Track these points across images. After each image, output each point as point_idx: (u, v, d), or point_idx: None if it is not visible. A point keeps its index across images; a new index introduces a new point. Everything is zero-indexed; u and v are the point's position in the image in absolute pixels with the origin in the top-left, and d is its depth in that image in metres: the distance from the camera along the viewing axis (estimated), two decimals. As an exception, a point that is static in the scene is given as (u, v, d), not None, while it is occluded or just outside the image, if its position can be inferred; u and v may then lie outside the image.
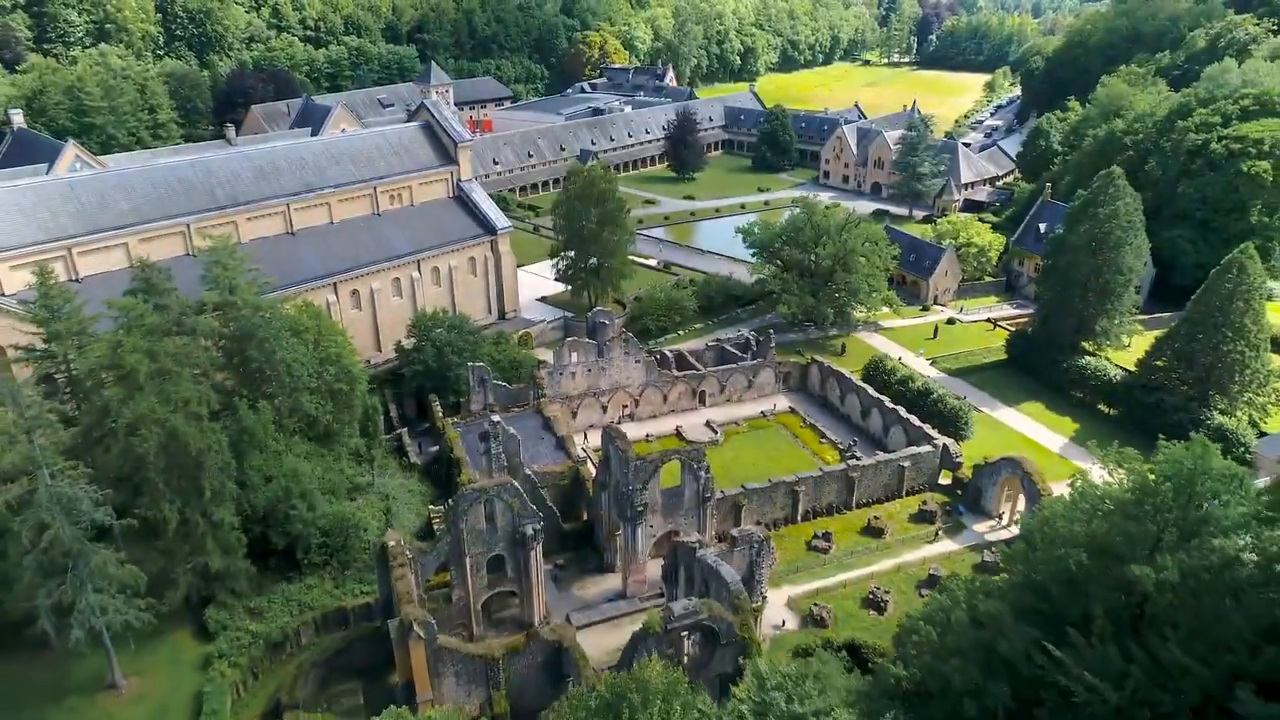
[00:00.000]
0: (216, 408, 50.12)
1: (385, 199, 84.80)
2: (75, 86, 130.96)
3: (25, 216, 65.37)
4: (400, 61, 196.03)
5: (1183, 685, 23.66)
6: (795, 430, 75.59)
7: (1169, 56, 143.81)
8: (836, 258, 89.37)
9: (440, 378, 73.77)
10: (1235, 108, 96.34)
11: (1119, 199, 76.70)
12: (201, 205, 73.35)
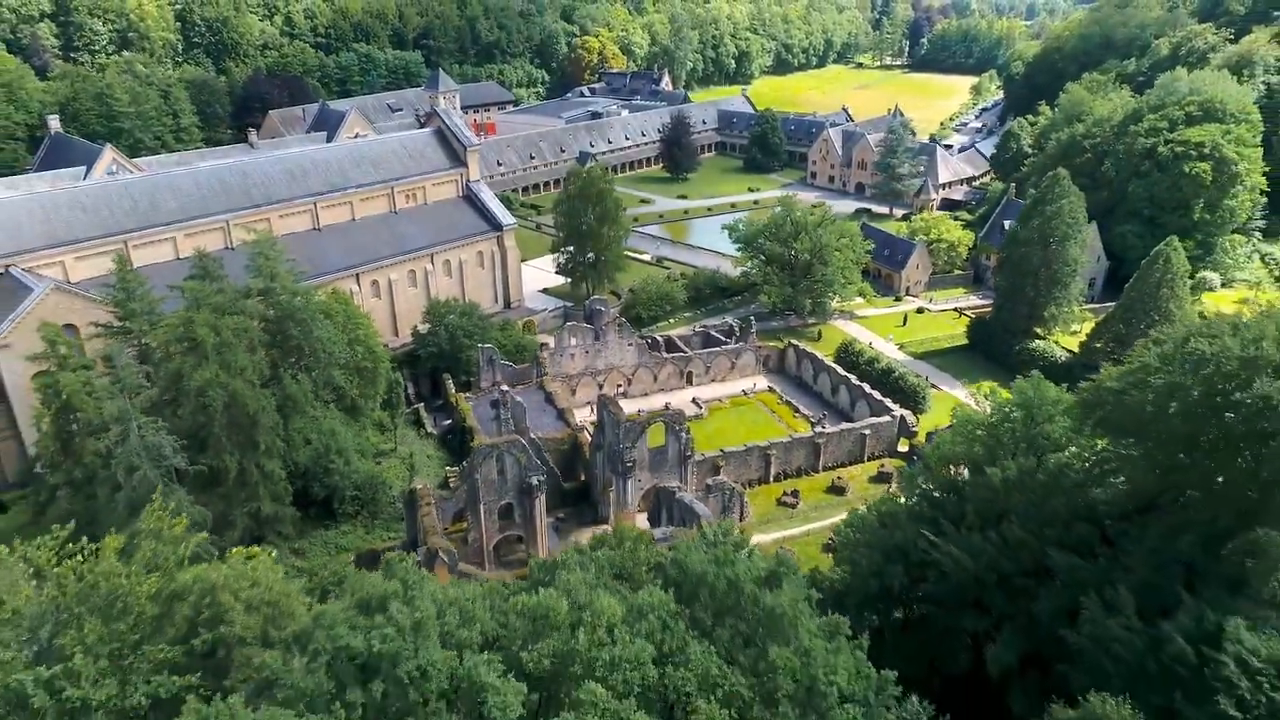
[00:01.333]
0: (266, 377, 58.54)
1: (401, 198, 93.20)
2: (104, 93, 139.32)
3: (87, 214, 73.84)
4: (407, 67, 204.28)
5: (1019, 554, 32.11)
6: (773, 406, 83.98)
7: (1135, 63, 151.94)
8: (813, 252, 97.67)
9: (453, 359, 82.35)
10: (1182, 113, 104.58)
11: (1064, 198, 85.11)
12: (239, 204, 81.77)
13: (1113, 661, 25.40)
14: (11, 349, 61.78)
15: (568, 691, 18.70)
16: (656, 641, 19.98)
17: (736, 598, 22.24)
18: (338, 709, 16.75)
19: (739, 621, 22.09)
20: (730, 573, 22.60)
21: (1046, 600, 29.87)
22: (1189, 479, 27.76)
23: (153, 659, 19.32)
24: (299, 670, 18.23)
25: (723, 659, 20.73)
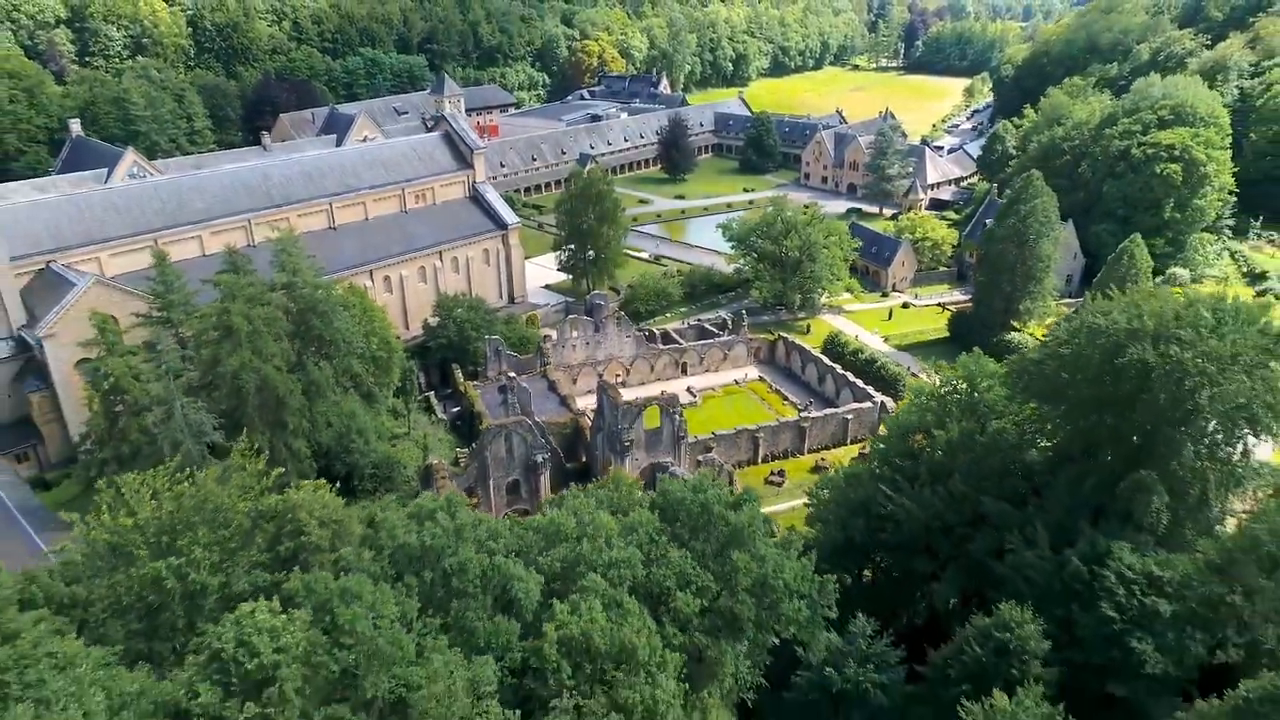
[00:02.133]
0: (291, 364, 63.66)
1: (411, 199, 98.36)
2: (122, 97, 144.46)
3: (120, 214, 79.00)
4: (411, 70, 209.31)
5: (962, 506, 37.26)
6: (763, 394, 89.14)
7: (1118, 67, 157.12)
8: (803, 249, 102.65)
9: (461, 350, 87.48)
10: (1154, 117, 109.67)
11: (1037, 198, 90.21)
12: (260, 204, 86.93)
13: (1027, 584, 30.50)
14: (57, 338, 66.87)
15: (575, 583, 23.71)
16: (645, 550, 24.98)
17: (708, 517, 27.34)
18: (399, 588, 21.74)
19: (709, 535, 27.17)
20: (703, 498, 27.69)
21: (981, 542, 35.00)
22: (1097, 434, 32.84)
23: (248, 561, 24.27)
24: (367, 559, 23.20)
25: (696, 562, 25.82)
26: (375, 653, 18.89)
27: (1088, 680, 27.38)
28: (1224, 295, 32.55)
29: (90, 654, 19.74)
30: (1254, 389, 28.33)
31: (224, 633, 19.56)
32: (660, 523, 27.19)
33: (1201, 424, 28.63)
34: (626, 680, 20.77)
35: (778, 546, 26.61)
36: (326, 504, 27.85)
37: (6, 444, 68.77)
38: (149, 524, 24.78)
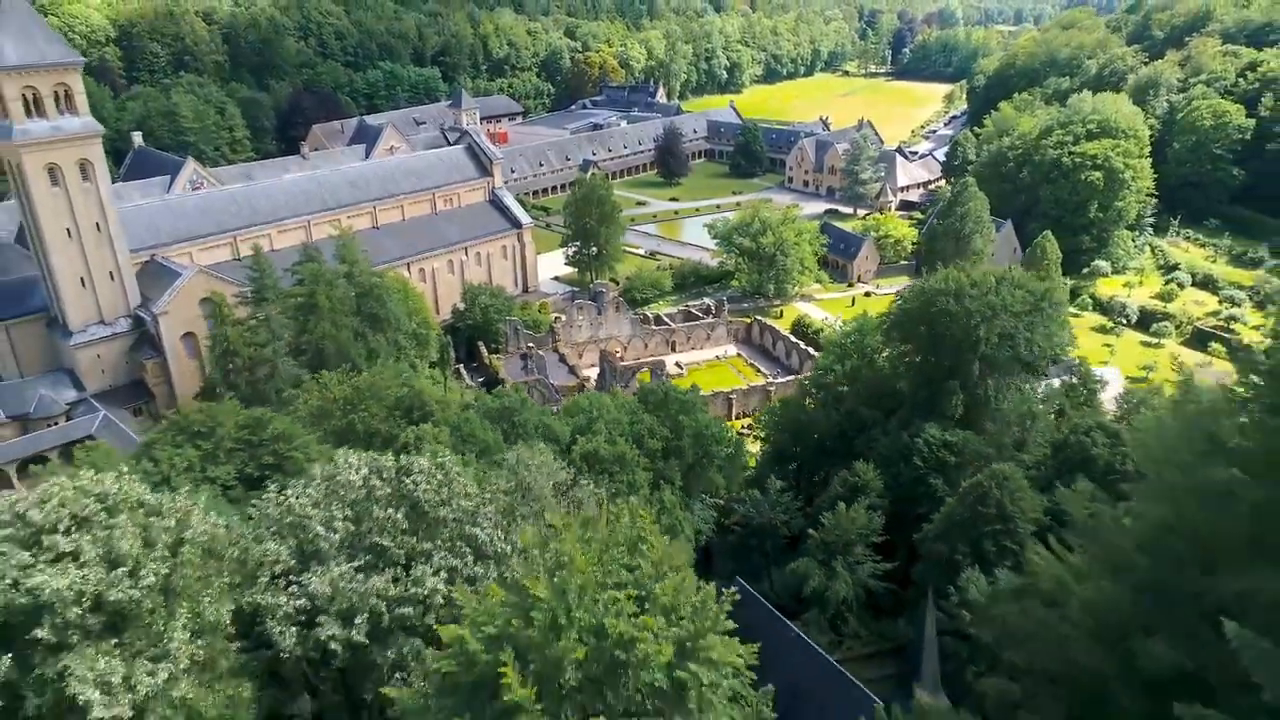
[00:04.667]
0: (356, 334, 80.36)
1: (441, 202, 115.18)
2: (173, 110, 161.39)
3: (206, 216, 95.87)
4: (427, 83, 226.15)
5: (854, 418, 53.76)
6: (740, 368, 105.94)
7: (1070, 81, 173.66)
8: (776, 245, 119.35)
9: (484, 330, 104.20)
10: (1083, 130, 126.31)
11: (971, 200, 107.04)
12: (317, 207, 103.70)
13: (880, 456, 47.16)
14: (169, 315, 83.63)
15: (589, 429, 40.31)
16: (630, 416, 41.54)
17: (668, 397, 43.95)
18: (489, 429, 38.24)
19: (669, 407, 43.77)
20: (665, 389, 44.24)
21: (861, 440, 51.69)
22: (940, 365, 49.40)
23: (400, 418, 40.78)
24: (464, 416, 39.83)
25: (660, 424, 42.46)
26: (486, 445, 35.12)
27: (907, 506, 43.88)
28: (1008, 271, 49.31)
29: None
30: (1016, 326, 44.81)
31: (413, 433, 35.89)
32: (639, 402, 43.73)
33: (983, 349, 45.12)
34: (620, 474, 37.26)
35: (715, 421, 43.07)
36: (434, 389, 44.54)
37: (125, 400, 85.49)
38: (338, 396, 41.17)
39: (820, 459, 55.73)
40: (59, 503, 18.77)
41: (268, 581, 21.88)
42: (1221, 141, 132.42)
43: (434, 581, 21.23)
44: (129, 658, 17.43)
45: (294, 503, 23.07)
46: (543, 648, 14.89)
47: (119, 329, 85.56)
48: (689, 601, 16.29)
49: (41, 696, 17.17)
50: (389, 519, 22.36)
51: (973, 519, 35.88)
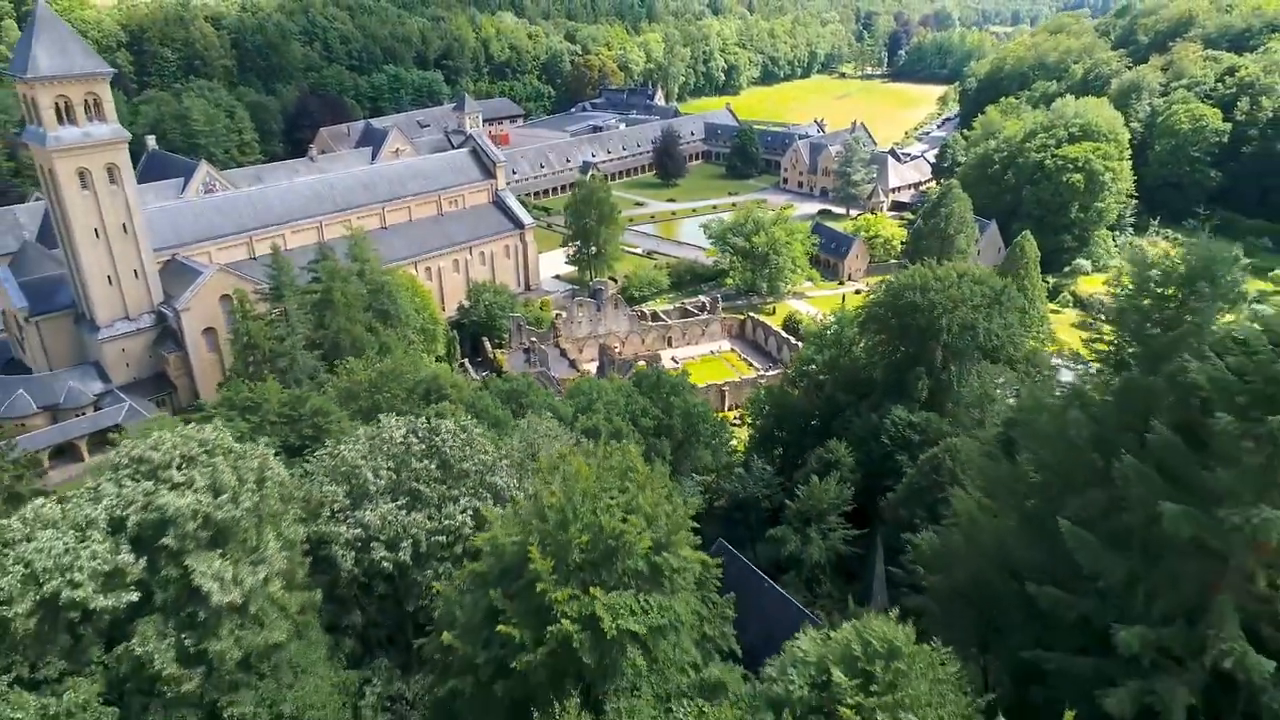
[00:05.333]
0: (368, 328, 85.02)
1: (446, 203, 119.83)
2: (185, 114, 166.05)
3: (224, 217, 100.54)
4: (430, 86, 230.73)
5: (832, 403, 58.46)
6: (733, 362, 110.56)
7: (1056, 85, 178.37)
8: (769, 245, 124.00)
9: (488, 327, 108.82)
10: (1065, 133, 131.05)
11: (954, 202, 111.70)
12: (328, 209, 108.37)
13: (854, 436, 51.81)
14: (191, 312, 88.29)
15: (589, 409, 45.09)
16: (626, 398, 46.24)
17: (660, 380, 48.63)
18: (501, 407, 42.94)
19: (661, 390, 48.43)
20: (658, 373, 48.92)
21: (838, 422, 56.36)
22: (907, 353, 54.02)
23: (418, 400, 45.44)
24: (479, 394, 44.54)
25: (653, 404, 47.10)
26: (499, 419, 40.12)
27: (876, 480, 48.53)
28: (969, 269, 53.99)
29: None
30: (976, 318, 49.41)
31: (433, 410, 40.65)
32: (634, 386, 48.38)
33: (945, 338, 49.77)
34: (617, 445, 42.17)
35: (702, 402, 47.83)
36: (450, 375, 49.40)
37: (148, 391, 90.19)
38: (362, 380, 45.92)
39: (803, 441, 60.29)
40: (171, 445, 23.52)
41: (329, 516, 26.62)
42: (1199, 144, 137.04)
43: (462, 518, 25.96)
44: (233, 562, 22.16)
45: (346, 455, 27.82)
46: (555, 536, 19.59)
47: (143, 324, 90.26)
48: (664, 511, 21.01)
49: (166, 591, 21.92)
50: (424, 469, 27.09)
51: (928, 486, 40.48)
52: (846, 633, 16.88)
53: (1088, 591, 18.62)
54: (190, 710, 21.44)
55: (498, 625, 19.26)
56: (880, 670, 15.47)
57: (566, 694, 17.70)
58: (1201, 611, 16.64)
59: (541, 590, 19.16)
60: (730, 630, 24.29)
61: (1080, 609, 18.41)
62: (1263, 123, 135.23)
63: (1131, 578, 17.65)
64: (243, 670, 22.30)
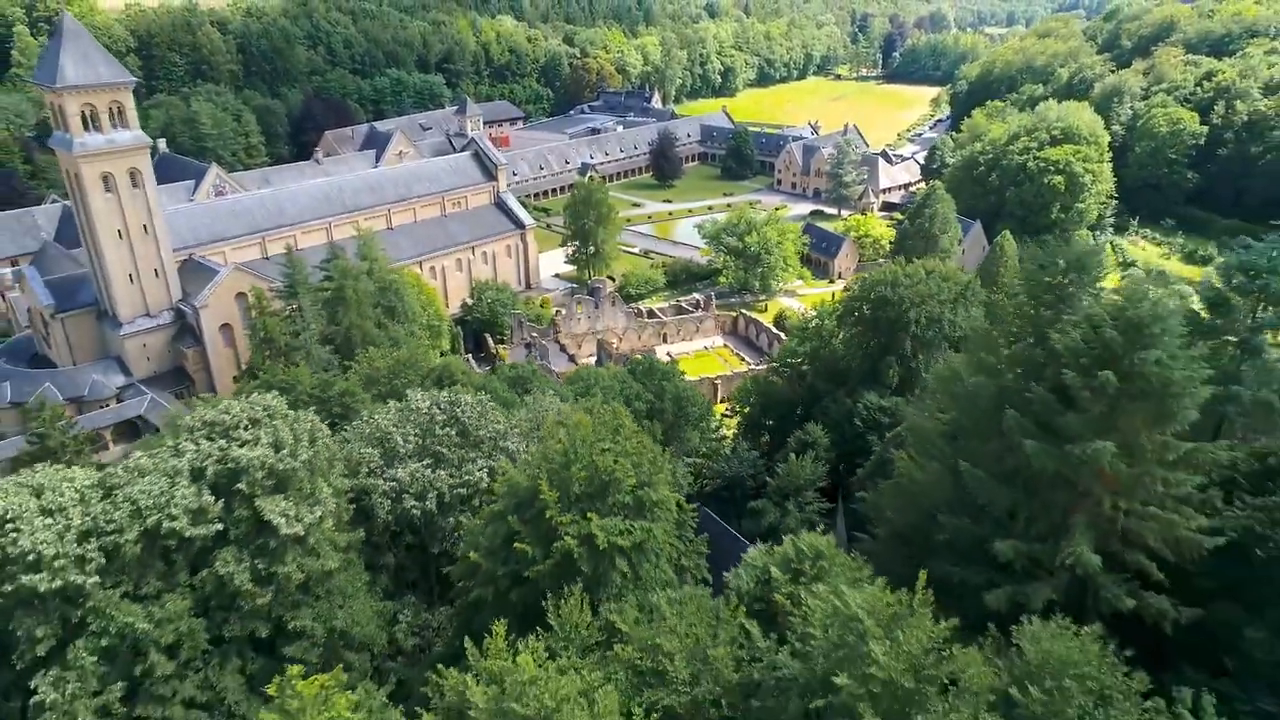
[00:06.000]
0: (378, 324, 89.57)
1: (450, 205, 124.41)
2: (194, 118, 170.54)
3: (238, 218, 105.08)
4: (431, 89, 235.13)
5: (813, 390, 63.10)
6: (726, 357, 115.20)
7: (1043, 88, 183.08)
8: (761, 245, 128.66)
9: (491, 324, 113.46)
10: (1047, 136, 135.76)
11: (938, 203, 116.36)
12: (337, 210, 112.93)
13: (830, 419, 56.43)
14: (209, 309, 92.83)
15: (588, 392, 49.74)
16: (623, 382, 50.86)
17: (652, 366, 53.26)
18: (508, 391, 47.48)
19: (654, 376, 53.10)
20: (650, 360, 53.57)
21: (816, 409, 61.00)
22: (879, 343, 58.66)
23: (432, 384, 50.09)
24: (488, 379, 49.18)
25: (646, 389, 51.85)
26: (508, 400, 44.71)
27: (848, 459, 53.20)
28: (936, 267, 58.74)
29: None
30: (942, 311, 53.99)
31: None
32: (629, 373, 53.05)
33: (913, 329, 54.42)
34: (610, 407, 46.88)
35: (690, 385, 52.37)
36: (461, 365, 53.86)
37: (168, 385, 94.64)
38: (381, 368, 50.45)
39: (786, 426, 64.91)
40: (239, 410, 28.13)
41: (366, 473, 31.18)
42: (1177, 147, 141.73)
43: (479, 475, 30.48)
44: (295, 503, 26.70)
45: (380, 422, 32.36)
46: (560, 473, 24.16)
47: (163, 321, 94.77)
48: (647, 459, 25.60)
49: (239, 527, 26.53)
50: (446, 435, 31.61)
51: (890, 460, 45.09)
52: (786, 545, 21.40)
53: (984, 520, 23.13)
54: (261, 622, 26.25)
55: (514, 544, 23.94)
56: (808, 567, 19.99)
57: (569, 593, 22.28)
58: (1064, 530, 21.18)
59: (549, 516, 23.82)
60: (704, 563, 28.95)
61: (977, 534, 22.91)
62: (1237, 126, 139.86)
63: (1014, 507, 22.22)
64: (302, 592, 27.04)
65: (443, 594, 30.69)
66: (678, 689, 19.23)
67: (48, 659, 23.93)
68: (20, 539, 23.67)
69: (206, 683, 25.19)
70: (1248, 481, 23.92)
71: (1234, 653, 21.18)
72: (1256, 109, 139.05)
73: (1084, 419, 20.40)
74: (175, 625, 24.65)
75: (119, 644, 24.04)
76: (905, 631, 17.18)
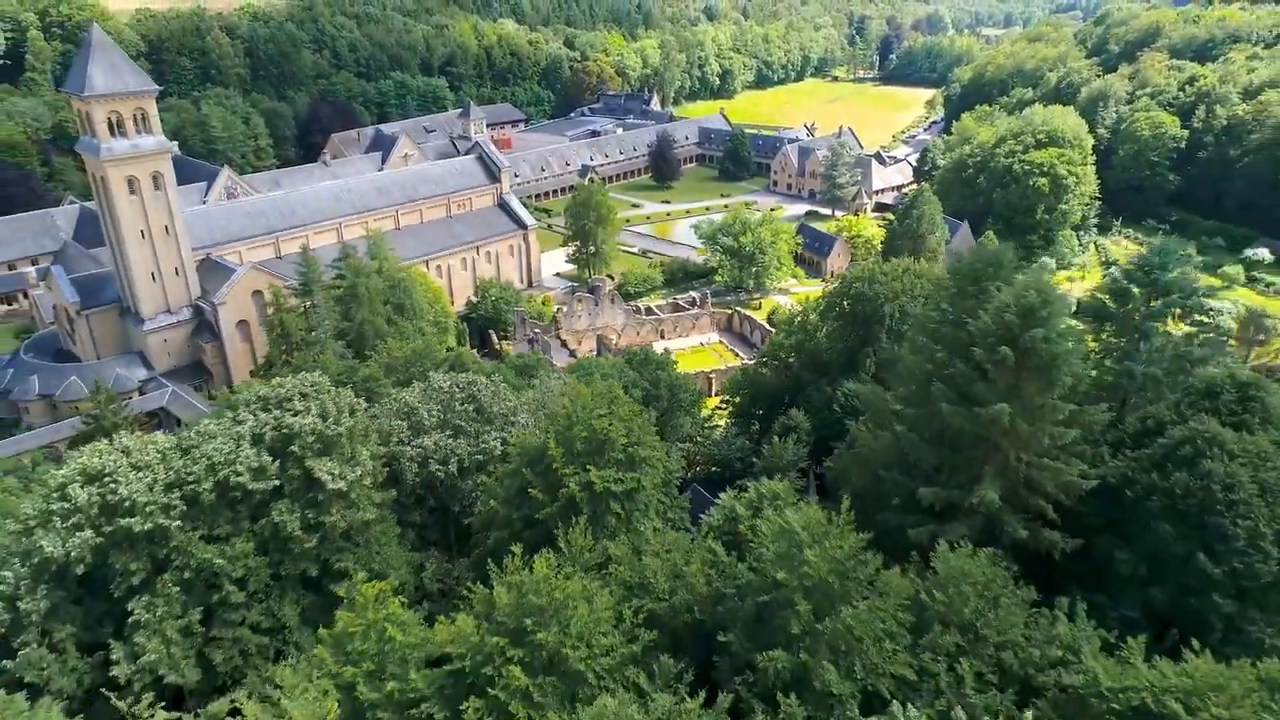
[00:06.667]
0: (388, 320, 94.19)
1: (455, 206, 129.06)
2: (204, 121, 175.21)
3: (252, 219, 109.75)
4: (434, 92, 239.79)
5: (797, 379, 67.69)
6: (721, 352, 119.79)
7: (1032, 92, 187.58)
8: (755, 244, 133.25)
9: (495, 320, 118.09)
10: (1032, 139, 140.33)
11: (925, 205, 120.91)
12: (347, 211, 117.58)
13: (812, 406, 61.04)
14: (227, 305, 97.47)
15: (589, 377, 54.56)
16: (621, 371, 55.58)
17: (648, 356, 57.97)
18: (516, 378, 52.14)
19: (649, 365, 57.81)
20: (646, 351, 58.23)
21: (799, 397, 65.57)
22: (857, 334, 63.23)
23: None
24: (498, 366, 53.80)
25: (642, 377, 56.53)
26: (516, 385, 49.32)
27: (827, 442, 57.79)
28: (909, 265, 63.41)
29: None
30: (914, 305, 58.66)
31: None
32: (626, 362, 57.64)
33: (888, 322, 59.01)
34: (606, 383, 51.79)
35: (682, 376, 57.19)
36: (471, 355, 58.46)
37: (187, 378, 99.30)
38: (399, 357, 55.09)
39: (773, 414, 69.52)
40: (291, 385, 32.85)
41: (396, 441, 35.82)
42: (1159, 150, 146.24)
43: (493, 443, 35.07)
44: (339, 463, 31.34)
45: (408, 399, 37.00)
46: (564, 434, 28.76)
47: (182, 317, 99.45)
48: (636, 424, 30.21)
49: (292, 483, 31.18)
50: (464, 410, 36.20)
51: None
52: (750, 491, 25.93)
53: (917, 475, 27.67)
54: (311, 563, 30.98)
55: (527, 492, 28.55)
56: (767, 505, 24.48)
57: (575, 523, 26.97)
58: (979, 479, 25.70)
59: (555, 468, 28.41)
60: (686, 517, 33.59)
61: (910, 487, 27.45)
62: (1217, 130, 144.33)
63: (941, 463, 26.77)
64: (345, 539, 31.73)
65: (461, 549, 35.28)
66: (659, 598, 24.00)
67: (140, 588, 28.71)
68: (119, 488, 28.51)
69: (269, 611, 30.17)
70: (1131, 440, 28.58)
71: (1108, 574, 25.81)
72: (1235, 113, 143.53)
73: (991, 387, 24.90)
74: (244, 562, 29.43)
75: (197, 577, 28.87)
76: (831, 541, 21.86)
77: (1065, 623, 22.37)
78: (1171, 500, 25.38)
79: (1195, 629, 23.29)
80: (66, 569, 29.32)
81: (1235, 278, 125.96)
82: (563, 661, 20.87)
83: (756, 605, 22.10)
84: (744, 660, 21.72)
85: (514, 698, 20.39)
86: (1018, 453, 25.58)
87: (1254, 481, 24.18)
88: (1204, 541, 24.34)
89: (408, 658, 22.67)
